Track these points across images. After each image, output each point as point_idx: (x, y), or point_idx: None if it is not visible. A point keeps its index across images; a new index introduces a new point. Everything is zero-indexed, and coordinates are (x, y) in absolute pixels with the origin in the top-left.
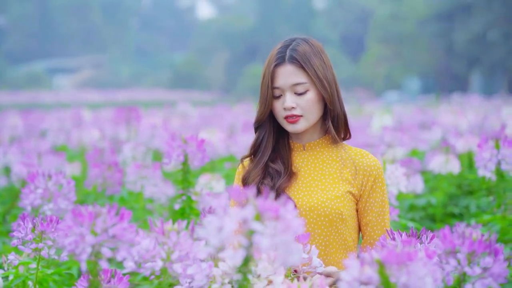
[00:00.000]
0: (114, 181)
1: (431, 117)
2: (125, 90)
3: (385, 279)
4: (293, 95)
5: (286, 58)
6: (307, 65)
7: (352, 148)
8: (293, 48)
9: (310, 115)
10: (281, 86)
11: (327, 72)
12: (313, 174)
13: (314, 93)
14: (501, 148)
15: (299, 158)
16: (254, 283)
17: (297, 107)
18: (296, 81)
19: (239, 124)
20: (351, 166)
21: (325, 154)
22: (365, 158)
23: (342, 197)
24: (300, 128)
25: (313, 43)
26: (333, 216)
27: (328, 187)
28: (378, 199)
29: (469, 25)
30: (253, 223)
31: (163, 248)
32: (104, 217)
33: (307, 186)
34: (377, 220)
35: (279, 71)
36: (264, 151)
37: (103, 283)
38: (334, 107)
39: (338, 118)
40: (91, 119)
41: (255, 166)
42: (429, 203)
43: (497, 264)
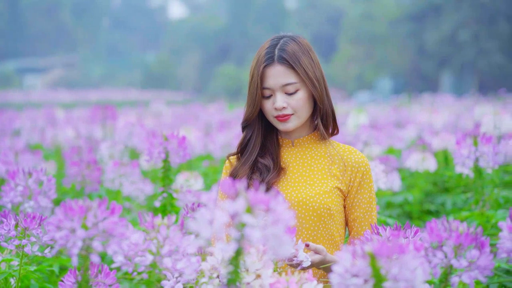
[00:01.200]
0: (92, 179)
1: (405, 116)
2: (97, 90)
3: (376, 271)
4: (284, 95)
5: (275, 58)
6: (296, 65)
7: (340, 145)
8: (281, 47)
9: (301, 113)
10: (271, 87)
11: (316, 70)
12: (302, 170)
13: (304, 92)
14: (479, 145)
15: (288, 154)
16: (243, 277)
17: (288, 106)
18: (287, 81)
19: (214, 123)
20: (340, 163)
21: (313, 150)
22: (353, 154)
23: (330, 192)
24: (291, 126)
25: (301, 41)
26: (321, 211)
27: (317, 182)
28: (366, 195)
29: (440, 26)
30: (244, 216)
31: (153, 242)
32: (95, 211)
33: (295, 181)
34: (365, 217)
35: (268, 71)
36: (252, 150)
37: (91, 277)
38: (323, 105)
39: (327, 115)
40: (64, 118)
41: (243, 164)
42: (405, 200)
43: (483, 256)
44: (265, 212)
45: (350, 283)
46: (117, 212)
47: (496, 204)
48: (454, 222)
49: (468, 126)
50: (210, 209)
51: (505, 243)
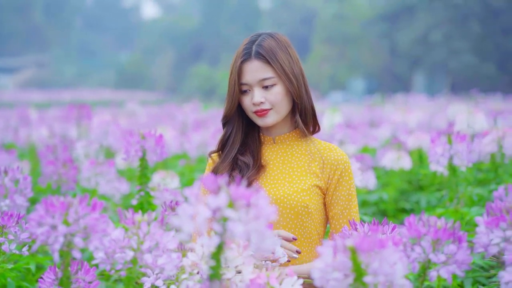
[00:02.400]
0: (69, 178)
1: (379, 116)
2: (70, 90)
3: (357, 266)
4: (261, 90)
5: (252, 54)
6: (273, 60)
7: (321, 142)
8: (259, 43)
9: (279, 108)
10: (249, 82)
11: (294, 66)
12: (282, 167)
13: (281, 87)
14: (453, 143)
15: (269, 151)
16: (223, 273)
17: (266, 101)
18: (263, 76)
19: (190, 123)
20: (319, 160)
21: (294, 147)
22: (333, 152)
23: (309, 190)
24: (270, 121)
25: (279, 38)
26: (298, 209)
27: (295, 180)
28: (345, 192)
29: (412, 26)
30: (226, 210)
31: (134, 238)
32: (76, 207)
33: (274, 178)
34: (343, 213)
35: (246, 67)
36: (232, 146)
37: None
38: (301, 101)
39: (306, 111)
40: (37, 118)
41: (223, 160)
42: (380, 198)
43: (461, 251)
44: (246, 207)
45: (331, 278)
46: (98, 209)
47: (470, 202)
48: (432, 217)
49: (441, 125)
50: (192, 204)
51: (481, 238)
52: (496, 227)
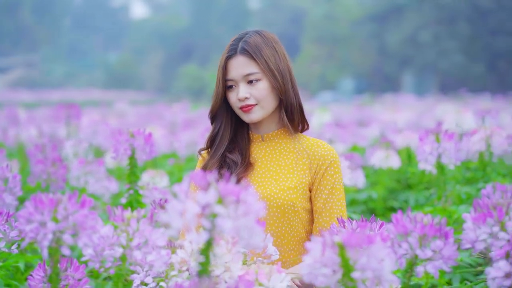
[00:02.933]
0: (58, 177)
1: (368, 115)
2: (59, 90)
3: (345, 261)
4: (246, 85)
5: (238, 50)
6: (257, 55)
7: (309, 139)
8: (245, 40)
9: (264, 104)
10: (234, 78)
11: (280, 63)
12: (269, 165)
13: (266, 82)
14: (442, 142)
15: (258, 149)
16: (212, 270)
17: (251, 96)
18: (248, 71)
19: (179, 122)
20: (307, 157)
21: (282, 145)
22: (320, 147)
23: (295, 188)
24: (255, 117)
25: (266, 35)
26: (284, 207)
27: (282, 178)
28: (328, 186)
29: (401, 27)
30: (216, 207)
31: (123, 235)
32: (65, 204)
33: (262, 176)
34: (325, 207)
35: (231, 63)
36: (221, 143)
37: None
38: (286, 97)
39: (292, 109)
40: (26, 117)
41: (211, 157)
42: (369, 197)
43: (447, 247)
44: (235, 203)
45: (319, 273)
46: (88, 205)
47: (458, 200)
48: (419, 214)
49: (430, 124)
50: (181, 200)
51: (468, 234)
52: (483, 223)
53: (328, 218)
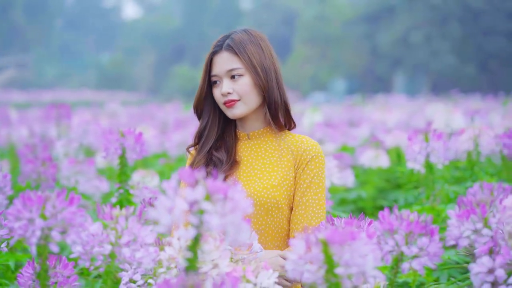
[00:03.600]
0: (48, 177)
1: (359, 115)
2: (50, 91)
3: (328, 258)
4: (230, 81)
5: (223, 46)
6: (241, 51)
7: (295, 136)
8: (230, 37)
9: (247, 100)
10: (218, 73)
11: (264, 60)
12: (254, 163)
13: (249, 78)
14: (430, 141)
15: (244, 147)
16: (200, 266)
17: (234, 92)
18: (231, 67)
19: (170, 122)
20: (291, 153)
21: (268, 143)
22: (304, 143)
23: (279, 185)
24: (238, 112)
25: (252, 33)
26: (268, 205)
27: (266, 176)
28: (307, 180)
29: (393, 27)
30: (203, 203)
31: (112, 233)
32: (53, 201)
33: (247, 175)
34: (302, 200)
35: (216, 59)
36: (208, 138)
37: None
38: (270, 95)
39: (276, 106)
40: (17, 118)
41: (198, 153)
42: (359, 196)
43: (432, 244)
44: (223, 200)
45: (303, 270)
46: (76, 203)
47: (447, 199)
48: (405, 211)
49: (420, 124)
50: (169, 197)
51: (453, 231)
52: (467, 220)
53: (304, 211)
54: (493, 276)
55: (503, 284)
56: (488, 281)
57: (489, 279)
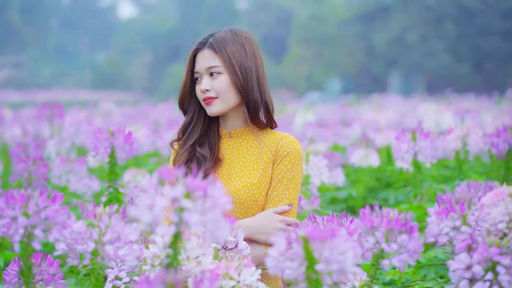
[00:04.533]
0: (39, 176)
1: (351, 114)
2: (46, 90)
3: (309, 254)
4: (209, 78)
5: (206, 44)
6: (221, 49)
7: (275, 133)
8: (214, 35)
9: (224, 98)
10: (199, 70)
11: (245, 60)
12: (235, 162)
13: (227, 76)
14: (418, 140)
15: (226, 145)
16: (184, 264)
17: (212, 89)
18: (210, 64)
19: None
20: (270, 151)
21: (249, 142)
22: (283, 139)
23: (258, 183)
24: (215, 110)
25: (238, 32)
26: (247, 203)
27: (246, 174)
28: (280, 175)
29: (388, 27)
30: (183, 201)
31: (95, 230)
32: (36, 199)
33: (227, 173)
34: (272, 194)
35: (198, 56)
36: (192, 134)
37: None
38: (248, 94)
39: (256, 106)
40: (11, 117)
41: (181, 147)
42: (349, 195)
43: (412, 241)
44: (202, 197)
45: (284, 266)
46: (59, 201)
47: (434, 198)
48: (385, 209)
49: (412, 124)
50: (150, 194)
51: (432, 228)
52: (446, 218)
53: (272, 205)
54: (471, 272)
55: (481, 280)
56: (465, 277)
57: (466, 275)
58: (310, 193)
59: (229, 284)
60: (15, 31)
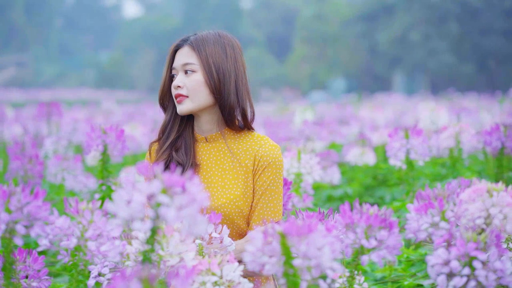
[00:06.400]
0: (34, 174)
1: (350, 113)
2: (49, 89)
3: (286, 249)
4: (183, 75)
5: (186, 41)
6: (200, 48)
7: (254, 136)
8: (197, 34)
9: (195, 97)
10: (176, 67)
11: (223, 63)
12: (214, 169)
13: (201, 76)
14: (410, 138)
15: (202, 150)
16: (167, 259)
17: (184, 87)
18: (186, 61)
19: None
20: (251, 155)
21: (226, 147)
22: (262, 146)
23: (242, 195)
24: (184, 109)
25: (223, 36)
26: (233, 215)
27: (228, 185)
28: (263, 187)
29: (391, 26)
30: (159, 196)
31: (78, 226)
32: (18, 195)
33: (208, 182)
34: (257, 207)
35: (178, 53)
36: (170, 134)
37: (18, 262)
38: (223, 98)
39: (231, 111)
40: (13, 116)
41: (159, 148)
42: (345, 193)
43: (391, 237)
44: (179, 193)
45: (261, 261)
46: (41, 197)
47: None
48: (365, 205)
49: (410, 122)
50: (127, 190)
51: (411, 224)
52: (425, 213)
53: (256, 217)
54: (449, 267)
55: (458, 275)
56: (443, 272)
57: (444, 270)
58: (303, 190)
59: (211, 279)
60: (19, 30)
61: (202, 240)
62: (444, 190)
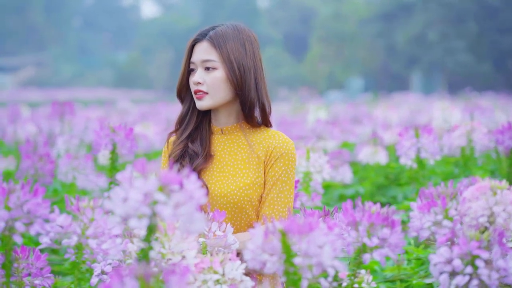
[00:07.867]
0: (45, 172)
1: (364, 112)
2: (67, 89)
3: (286, 247)
4: (203, 71)
5: (206, 36)
6: (220, 45)
7: (269, 131)
8: (216, 29)
9: (215, 94)
10: (195, 61)
11: (244, 59)
12: (227, 159)
13: (222, 72)
14: (421, 137)
15: (218, 142)
16: (169, 258)
17: (204, 83)
18: (206, 57)
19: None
20: (264, 148)
21: (242, 139)
22: (275, 139)
23: (252, 183)
24: (204, 105)
25: (241, 30)
26: (242, 203)
27: (239, 174)
28: (274, 177)
29: (408, 26)
30: (156, 194)
31: (79, 224)
32: (18, 192)
33: (220, 171)
34: (268, 197)
35: (196, 47)
36: (187, 126)
37: (20, 260)
38: (245, 93)
39: (251, 106)
40: (29, 115)
41: (177, 139)
42: (357, 193)
43: (394, 235)
44: (176, 190)
45: (261, 259)
46: (40, 194)
47: None
48: (368, 203)
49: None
50: (124, 187)
51: (414, 222)
52: (428, 212)
53: (267, 208)
54: (451, 266)
55: (461, 274)
56: (446, 271)
57: (447, 269)
58: (313, 189)
59: (213, 277)
60: (37, 30)
61: (206, 238)
62: (447, 188)
